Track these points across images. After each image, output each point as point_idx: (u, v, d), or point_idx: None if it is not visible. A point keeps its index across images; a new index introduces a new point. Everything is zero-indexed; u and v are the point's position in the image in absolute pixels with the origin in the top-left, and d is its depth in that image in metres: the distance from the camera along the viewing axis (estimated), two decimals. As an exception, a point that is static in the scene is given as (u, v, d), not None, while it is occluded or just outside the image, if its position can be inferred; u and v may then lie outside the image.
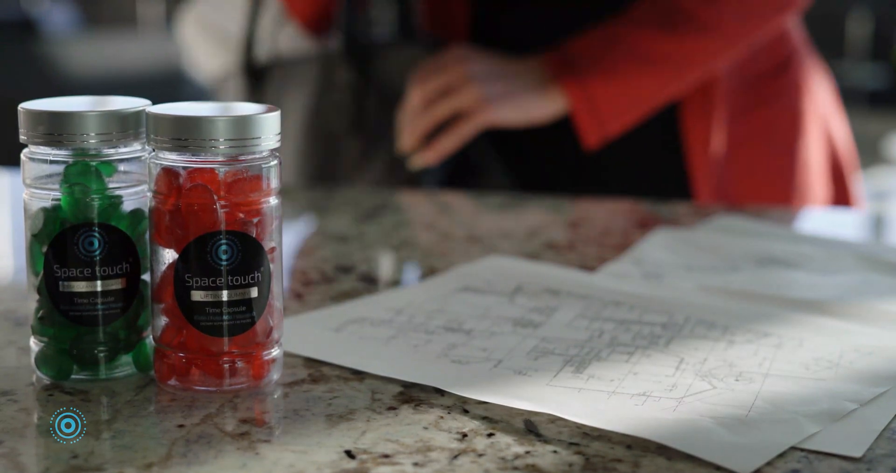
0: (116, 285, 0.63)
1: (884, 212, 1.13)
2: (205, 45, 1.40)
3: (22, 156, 0.64)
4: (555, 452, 0.56)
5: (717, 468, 0.54)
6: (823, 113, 1.26)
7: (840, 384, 0.64)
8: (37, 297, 0.64)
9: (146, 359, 0.65)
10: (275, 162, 0.62)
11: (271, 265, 0.62)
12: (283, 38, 1.29)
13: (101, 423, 0.59)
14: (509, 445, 0.57)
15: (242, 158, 0.61)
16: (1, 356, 0.69)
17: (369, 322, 0.74)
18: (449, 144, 1.11)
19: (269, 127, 0.61)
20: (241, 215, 0.61)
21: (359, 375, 0.66)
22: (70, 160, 0.63)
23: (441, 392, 0.63)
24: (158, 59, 3.81)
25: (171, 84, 3.68)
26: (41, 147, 0.63)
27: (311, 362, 0.68)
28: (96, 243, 0.63)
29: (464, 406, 0.61)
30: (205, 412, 0.60)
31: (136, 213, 0.64)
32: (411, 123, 1.11)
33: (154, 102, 0.64)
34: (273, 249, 0.63)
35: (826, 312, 0.77)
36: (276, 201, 0.63)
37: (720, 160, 1.19)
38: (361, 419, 0.60)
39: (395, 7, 1.28)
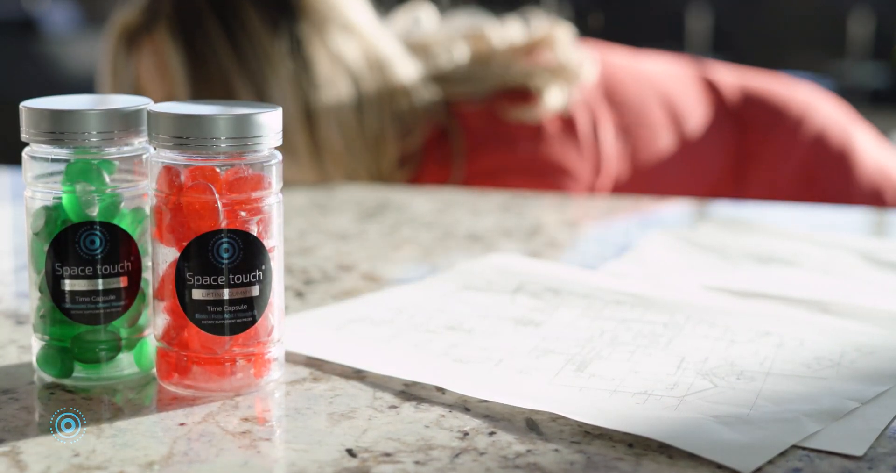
0: (117, 283, 0.63)
1: (884, 212, 1.12)
2: None
3: (23, 154, 0.64)
4: (556, 450, 0.56)
5: (719, 466, 0.54)
6: None
7: (841, 383, 0.64)
8: (38, 295, 0.64)
9: (147, 358, 0.65)
10: (276, 160, 0.62)
11: (272, 264, 0.62)
12: None
13: (103, 421, 0.59)
14: (511, 443, 0.57)
15: (244, 156, 0.61)
16: (2, 354, 0.69)
17: (370, 321, 0.74)
18: None
19: (270, 125, 0.61)
20: (243, 214, 0.61)
21: (360, 373, 0.66)
22: (71, 159, 0.63)
23: (442, 391, 0.63)
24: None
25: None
26: (42, 146, 0.63)
27: (312, 360, 0.68)
28: (97, 242, 0.63)
29: (465, 405, 0.61)
30: (206, 410, 0.60)
31: (138, 211, 0.64)
32: None
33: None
34: (274, 247, 0.63)
35: (827, 311, 0.77)
36: (278, 199, 0.63)
37: None
38: (363, 417, 0.60)
39: None
